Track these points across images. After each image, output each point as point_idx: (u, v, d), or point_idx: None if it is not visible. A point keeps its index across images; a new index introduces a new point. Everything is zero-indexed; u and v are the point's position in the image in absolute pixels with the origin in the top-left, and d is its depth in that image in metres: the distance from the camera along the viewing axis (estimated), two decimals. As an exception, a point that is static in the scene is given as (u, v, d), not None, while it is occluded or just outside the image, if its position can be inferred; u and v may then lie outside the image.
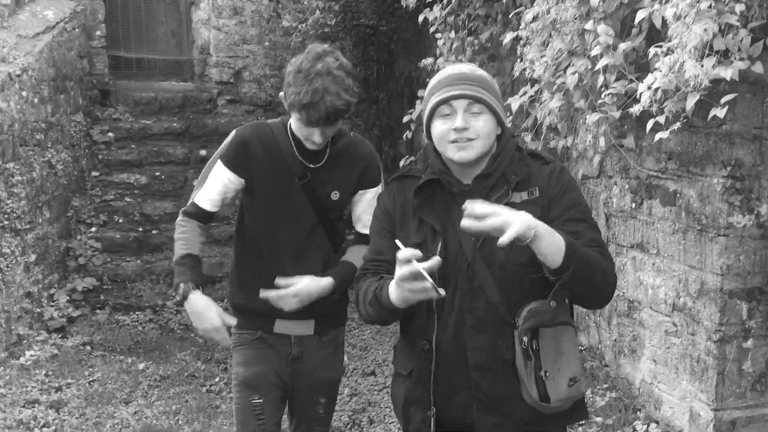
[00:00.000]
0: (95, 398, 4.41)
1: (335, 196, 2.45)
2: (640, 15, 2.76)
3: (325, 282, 2.42)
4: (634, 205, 3.91)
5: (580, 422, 3.91)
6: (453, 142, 1.85)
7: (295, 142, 2.41)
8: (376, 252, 2.02)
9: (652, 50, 2.70)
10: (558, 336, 1.85)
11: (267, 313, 2.45)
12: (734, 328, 3.27)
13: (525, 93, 3.94)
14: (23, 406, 4.25)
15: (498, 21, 4.48)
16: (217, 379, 4.88)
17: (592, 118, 3.10)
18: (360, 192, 2.49)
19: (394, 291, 1.79)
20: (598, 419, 3.89)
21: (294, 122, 2.36)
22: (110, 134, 7.34)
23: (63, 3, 7.07)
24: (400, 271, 1.71)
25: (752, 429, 3.34)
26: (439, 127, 1.88)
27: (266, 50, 9.13)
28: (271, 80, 9.06)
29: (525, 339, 1.81)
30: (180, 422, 4.08)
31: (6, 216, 5.16)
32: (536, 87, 3.78)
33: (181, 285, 2.36)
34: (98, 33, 7.62)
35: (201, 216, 2.47)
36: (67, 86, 6.61)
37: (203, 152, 7.57)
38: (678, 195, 3.52)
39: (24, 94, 5.61)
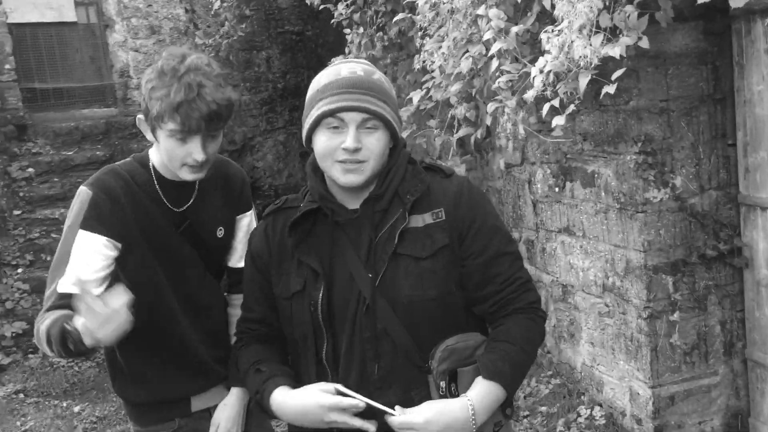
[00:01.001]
0: (27, 449, 4.21)
1: (221, 233, 2.06)
2: (526, -4, 2.69)
3: (236, 403, 2.07)
4: (557, 189, 3.87)
5: (525, 415, 3.86)
6: (341, 162, 1.56)
7: (159, 182, 1.95)
8: (246, 308, 1.77)
9: (543, 34, 2.63)
10: (478, 374, 1.59)
11: (180, 396, 2.06)
12: (662, 303, 3.24)
13: (430, 80, 3.86)
14: (-51, 467, 4.02)
15: (405, 18, 4.40)
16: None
17: (490, 107, 3.03)
18: (238, 218, 2.12)
19: (293, 413, 1.57)
20: (543, 408, 3.85)
21: (165, 142, 1.81)
22: (30, 170, 7.07)
23: (-36, 39, 6.78)
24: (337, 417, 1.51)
25: (691, 402, 3.32)
26: (324, 141, 1.57)
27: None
28: (197, 97, 8.88)
29: (442, 384, 1.56)
30: (116, 464, 3.91)
31: None
32: (434, 78, 3.69)
33: (58, 329, 1.70)
34: (7, 66, 7.33)
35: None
36: (-24, 125, 6.33)
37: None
38: (596, 175, 3.49)
39: (-74, 137, 5.34)
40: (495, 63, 3.24)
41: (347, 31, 4.55)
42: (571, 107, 2.69)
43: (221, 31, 6.82)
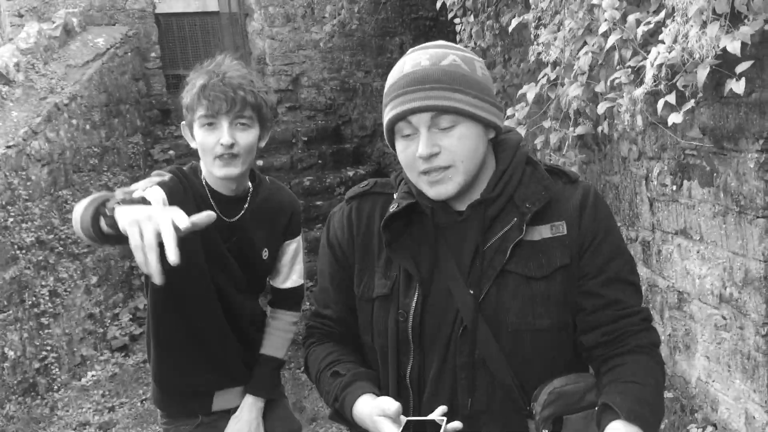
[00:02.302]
0: (143, 417, 4.48)
1: (265, 254, 2.07)
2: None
3: (247, 414, 2.07)
4: (674, 187, 3.56)
5: None
6: (424, 173, 1.33)
7: (210, 194, 1.96)
8: (322, 304, 1.54)
9: (642, 26, 2.39)
10: (588, 422, 1.34)
11: (205, 390, 2.08)
12: (784, 320, 2.89)
13: (544, 77, 3.68)
14: (74, 429, 4.36)
15: (519, 2, 4.22)
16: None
17: (601, 108, 2.82)
18: (285, 243, 2.13)
19: (366, 421, 1.35)
20: (649, 423, 3.57)
21: (199, 135, 1.86)
22: (171, 152, 7.49)
23: (115, 29, 7.29)
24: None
25: (815, 433, 2.96)
26: (401, 152, 1.35)
27: (323, 54, 9.12)
28: (330, 83, 9.05)
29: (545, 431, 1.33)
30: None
31: (61, 242, 5.34)
32: (555, 70, 3.52)
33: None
34: (153, 54, 7.81)
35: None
36: (122, 109, 6.80)
37: (260, 162, 7.64)
38: (715, 174, 3.16)
39: (74, 122, 5.80)
40: (616, 56, 3.03)
41: (457, 20, 4.43)
42: (690, 103, 2.44)
43: (336, 20, 6.85)
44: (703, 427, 3.41)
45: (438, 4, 4.56)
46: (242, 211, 2.01)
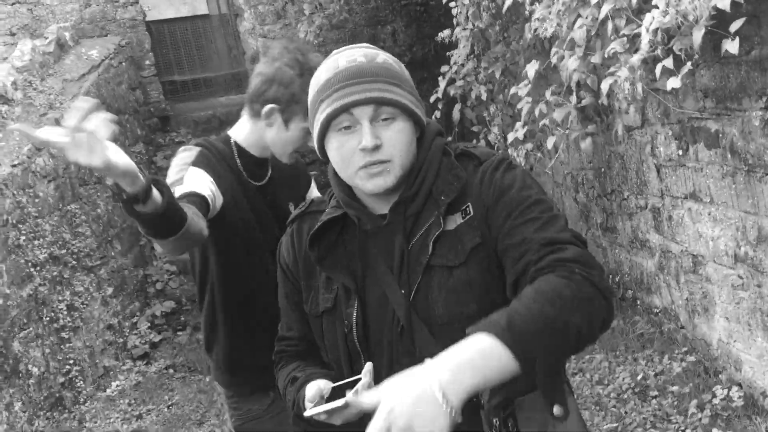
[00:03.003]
0: (171, 422, 4.52)
1: (291, 208, 2.15)
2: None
3: None
4: (680, 152, 3.56)
5: (654, 395, 3.63)
6: (363, 167, 1.33)
7: (240, 158, 2.11)
8: (284, 326, 1.58)
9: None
10: (541, 401, 1.29)
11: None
12: (801, 275, 2.90)
13: (555, 55, 3.68)
14: (104, 439, 4.41)
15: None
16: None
17: (604, 84, 2.83)
18: (306, 195, 2.29)
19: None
20: (674, 388, 3.59)
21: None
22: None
23: (108, 40, 7.29)
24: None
25: (840, 384, 2.97)
26: (338, 147, 1.35)
27: (316, 47, 9.09)
28: (326, 76, 9.05)
29: (496, 421, 1.31)
30: (247, 439, 4.10)
31: (74, 256, 5.37)
32: (556, 44, 3.51)
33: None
34: (147, 62, 7.81)
35: (196, 202, 1.80)
36: (121, 120, 6.80)
37: (263, 160, 7.68)
38: (721, 135, 3.16)
39: (76, 136, 5.81)
40: (610, 25, 3.02)
41: (452, 4, 4.42)
42: (688, 66, 2.45)
43: (325, 13, 6.79)
44: (728, 388, 3.43)
45: (430, -13, 4.55)
46: (269, 174, 2.17)
